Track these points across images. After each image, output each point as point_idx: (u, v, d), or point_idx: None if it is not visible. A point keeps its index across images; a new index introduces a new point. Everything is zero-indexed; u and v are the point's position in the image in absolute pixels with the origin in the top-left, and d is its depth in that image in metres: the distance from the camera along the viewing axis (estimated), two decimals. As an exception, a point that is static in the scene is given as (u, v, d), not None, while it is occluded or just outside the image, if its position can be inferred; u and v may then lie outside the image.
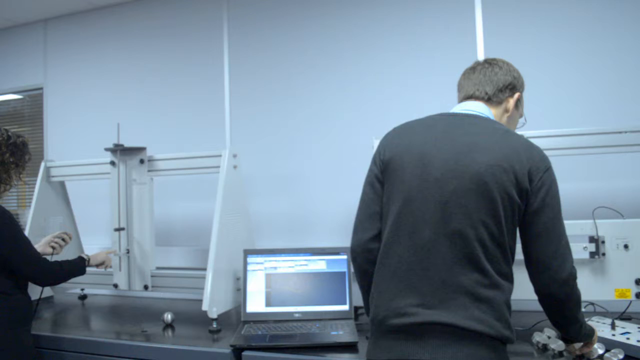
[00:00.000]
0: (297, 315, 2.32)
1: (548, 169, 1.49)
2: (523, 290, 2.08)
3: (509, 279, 1.48)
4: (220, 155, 2.49)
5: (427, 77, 2.70)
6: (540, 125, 2.32)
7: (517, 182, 1.44)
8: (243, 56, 3.08)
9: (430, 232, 1.46)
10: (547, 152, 2.18)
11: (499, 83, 1.64)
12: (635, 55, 2.52)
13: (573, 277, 1.52)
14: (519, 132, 1.85)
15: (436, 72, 2.65)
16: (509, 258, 1.46)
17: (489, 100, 1.64)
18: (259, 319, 2.31)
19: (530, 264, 1.53)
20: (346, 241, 2.58)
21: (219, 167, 2.47)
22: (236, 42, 3.09)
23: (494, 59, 1.70)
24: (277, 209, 2.95)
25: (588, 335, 1.70)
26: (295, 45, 2.99)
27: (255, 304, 2.34)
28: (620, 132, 2.20)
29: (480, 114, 1.60)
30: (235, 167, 2.53)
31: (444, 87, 1.80)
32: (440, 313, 1.41)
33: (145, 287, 2.65)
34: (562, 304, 1.55)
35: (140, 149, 2.66)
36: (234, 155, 2.53)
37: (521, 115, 1.76)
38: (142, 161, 2.66)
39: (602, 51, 2.55)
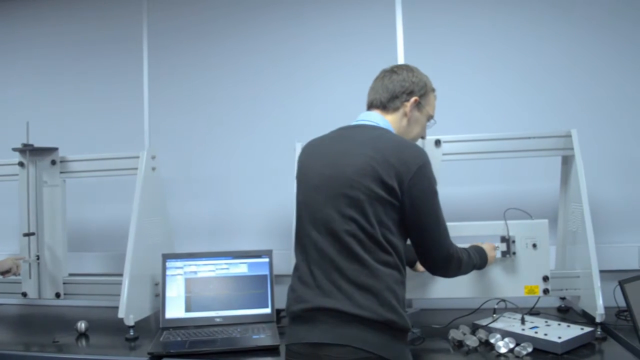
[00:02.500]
0: (218, 320, 2.28)
1: (420, 167, 1.60)
2: (439, 290, 2.17)
3: (392, 266, 1.59)
4: (138, 157, 2.42)
5: (348, 82, 2.72)
6: (455, 130, 2.41)
7: (382, 181, 1.57)
8: (163, 55, 2.99)
9: (316, 232, 1.63)
10: (461, 156, 2.32)
11: (395, 90, 1.77)
12: (542, 66, 2.67)
13: (450, 257, 1.73)
14: (430, 133, 1.94)
15: (358, 76, 2.67)
16: (387, 248, 1.58)
17: (384, 108, 1.78)
18: (178, 325, 2.26)
19: (416, 251, 1.72)
20: (268, 244, 2.60)
21: (136, 169, 2.40)
22: (156, 40, 3.00)
23: (397, 67, 1.83)
24: (198, 212, 2.88)
25: (482, 264, 1.97)
26: (217, 47, 2.94)
27: (175, 309, 2.29)
28: (529, 138, 2.32)
29: (371, 123, 1.74)
30: (153, 169, 2.46)
31: (365, 91, 1.84)
32: (329, 300, 1.56)
33: (57, 295, 2.51)
34: (446, 274, 1.80)
35: (52, 150, 2.53)
36: (153, 157, 2.46)
37: (430, 117, 1.86)
38: (53, 162, 2.53)
39: (515, 61, 2.69)
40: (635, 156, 2.60)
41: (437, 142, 2.28)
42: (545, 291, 2.15)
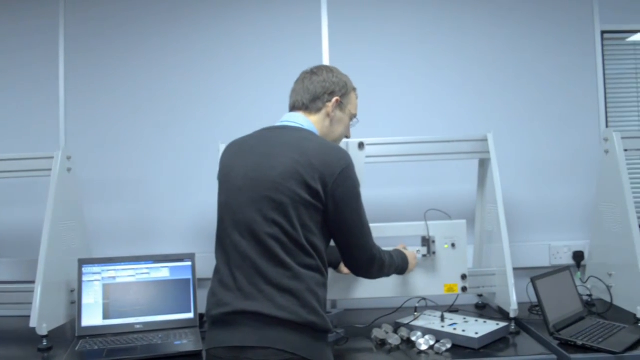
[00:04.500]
0: (138, 326, 2.21)
1: (343, 169, 1.62)
2: (362, 290, 2.20)
3: (314, 269, 1.60)
4: (52, 157, 2.30)
5: (273, 81, 2.72)
6: (379, 133, 2.46)
7: (306, 185, 1.58)
8: (81, 52, 2.85)
9: (238, 235, 1.61)
10: (383, 159, 2.36)
11: (316, 92, 1.78)
12: (462, 71, 2.78)
13: (374, 258, 1.76)
14: (354, 136, 1.98)
15: (282, 76, 2.65)
16: (310, 251, 1.59)
17: (307, 109, 1.79)
18: (95, 333, 2.16)
19: (340, 252, 1.74)
20: (192, 247, 2.54)
21: (50, 170, 2.28)
22: (73, 36, 2.85)
23: (318, 67, 1.84)
24: (117, 215, 2.77)
25: (403, 267, 2.00)
26: (138, 45, 2.83)
27: (92, 317, 2.20)
28: (448, 141, 2.40)
29: (295, 125, 1.75)
30: (69, 170, 2.35)
31: (289, 91, 1.85)
32: (251, 303, 1.55)
33: (-38, 305, 2.36)
34: (369, 275, 1.82)
35: (-44, 150, 2.37)
36: (68, 158, 2.35)
37: (353, 116, 1.88)
38: (-43, 163, 2.37)
39: (436, 66, 2.79)
40: (546, 159, 2.77)
41: (361, 145, 2.31)
42: (464, 289, 2.23)
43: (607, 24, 2.81)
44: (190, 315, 2.26)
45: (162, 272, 2.29)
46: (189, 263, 2.31)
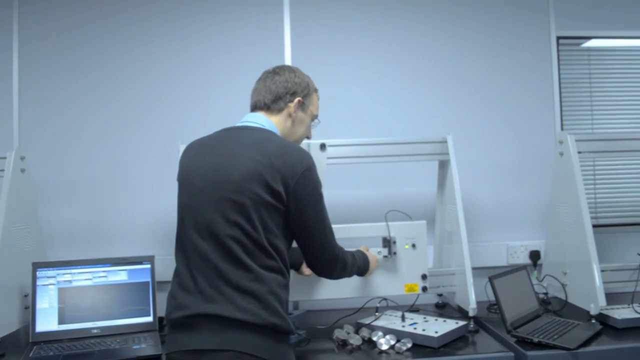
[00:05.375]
0: (95, 331, 2.16)
1: (305, 170, 1.62)
2: (324, 291, 2.20)
3: (276, 270, 1.59)
4: (4, 158, 2.23)
5: (234, 82, 2.68)
6: (340, 134, 2.47)
7: (268, 186, 1.57)
8: (35, 48, 2.76)
9: (199, 237, 1.59)
10: (345, 160, 2.37)
11: (278, 91, 1.77)
12: (424, 74, 2.82)
13: (336, 258, 1.77)
14: (316, 137, 1.99)
15: (243, 76, 2.62)
16: (272, 253, 1.58)
17: (268, 109, 1.78)
18: (51, 339, 2.11)
19: (302, 253, 1.74)
20: (151, 249, 2.50)
21: (3, 170, 2.22)
22: (28, 32, 2.77)
23: (280, 67, 1.83)
24: (74, 217, 2.68)
25: (364, 267, 2.02)
26: (96, 44, 2.76)
27: (47, 322, 2.14)
28: (409, 143, 2.43)
29: (256, 125, 1.74)
30: (23, 170, 2.29)
31: (250, 92, 1.84)
32: (211, 305, 1.53)
33: None
34: (331, 276, 1.82)
35: None
36: (22, 158, 2.28)
37: (314, 117, 1.88)
38: None
39: (399, 69, 2.82)
40: (504, 161, 2.83)
41: (322, 146, 2.31)
42: (424, 289, 2.26)
43: (562, 30, 2.90)
44: (150, 319, 2.22)
45: (120, 275, 2.25)
46: (148, 266, 2.28)
